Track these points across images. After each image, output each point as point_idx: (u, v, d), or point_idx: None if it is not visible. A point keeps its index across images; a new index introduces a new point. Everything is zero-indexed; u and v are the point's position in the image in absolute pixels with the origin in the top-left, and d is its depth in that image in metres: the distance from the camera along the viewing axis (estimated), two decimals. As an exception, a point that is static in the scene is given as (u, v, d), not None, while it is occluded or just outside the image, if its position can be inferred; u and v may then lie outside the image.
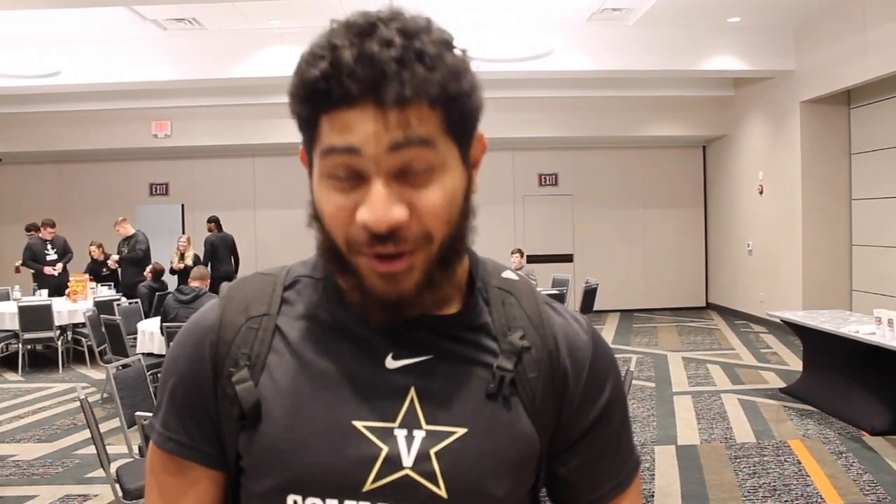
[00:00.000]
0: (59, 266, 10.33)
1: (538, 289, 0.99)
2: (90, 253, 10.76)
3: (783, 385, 7.29)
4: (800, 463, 5.11)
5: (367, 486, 0.82)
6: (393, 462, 0.83)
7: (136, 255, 10.20)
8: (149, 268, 9.71)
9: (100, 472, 4.94)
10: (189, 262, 10.96)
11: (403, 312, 0.84)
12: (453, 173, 0.82)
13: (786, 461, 5.16)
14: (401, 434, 0.84)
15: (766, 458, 5.23)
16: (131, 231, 10.50)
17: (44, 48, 9.71)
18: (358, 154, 0.78)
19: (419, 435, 0.84)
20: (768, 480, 4.79)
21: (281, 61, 9.70)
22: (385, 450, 0.83)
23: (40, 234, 10.39)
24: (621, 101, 12.07)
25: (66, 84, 10.04)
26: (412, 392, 0.86)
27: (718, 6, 9.04)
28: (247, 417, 0.86)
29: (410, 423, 0.85)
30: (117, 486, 3.57)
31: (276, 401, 0.86)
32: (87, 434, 5.90)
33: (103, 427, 3.86)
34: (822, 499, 4.47)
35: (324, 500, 0.83)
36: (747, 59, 10.06)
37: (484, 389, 0.87)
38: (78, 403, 6.77)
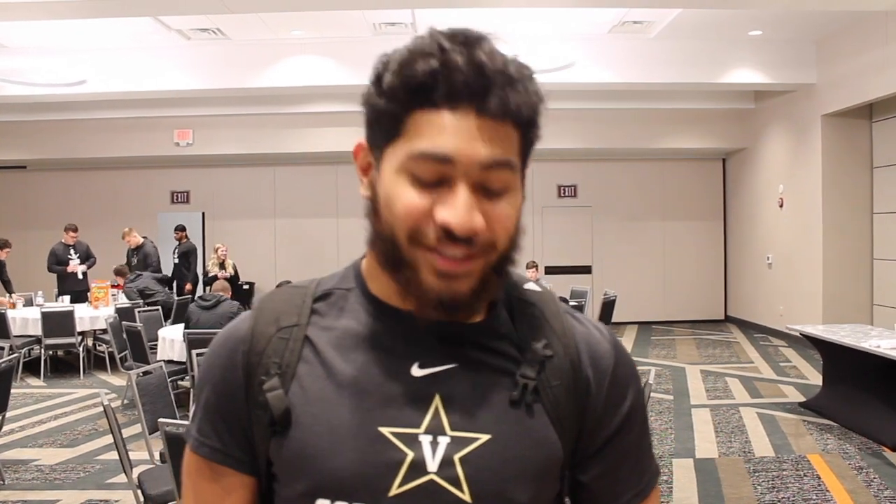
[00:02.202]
0: (84, 266, 10.43)
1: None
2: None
3: (803, 399, 7.24)
4: (819, 478, 5.07)
5: (394, 491, 0.85)
6: (418, 467, 0.85)
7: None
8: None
9: (121, 478, 4.99)
10: (231, 270, 11.07)
11: (456, 314, 0.86)
12: (518, 192, 0.87)
13: (805, 476, 5.13)
14: (426, 440, 0.86)
15: (785, 473, 5.20)
16: (140, 241, 10.54)
17: (70, 57, 9.84)
18: (450, 163, 0.81)
19: (444, 441, 0.86)
20: (787, 495, 4.76)
21: (303, 71, 9.80)
22: (410, 455, 0.85)
23: (63, 240, 10.50)
24: (641, 113, 12.07)
25: (92, 93, 10.17)
26: (437, 399, 0.88)
27: (739, 19, 9.02)
28: (277, 424, 0.89)
29: (435, 430, 0.87)
30: (139, 491, 3.60)
31: (306, 408, 0.88)
32: (108, 440, 5.96)
33: (124, 433, 3.90)
34: (841, 515, 4.45)
35: None
36: (768, 72, 10.03)
37: (507, 397, 0.89)
38: (99, 409, 6.85)
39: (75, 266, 10.35)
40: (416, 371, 0.89)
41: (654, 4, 8.24)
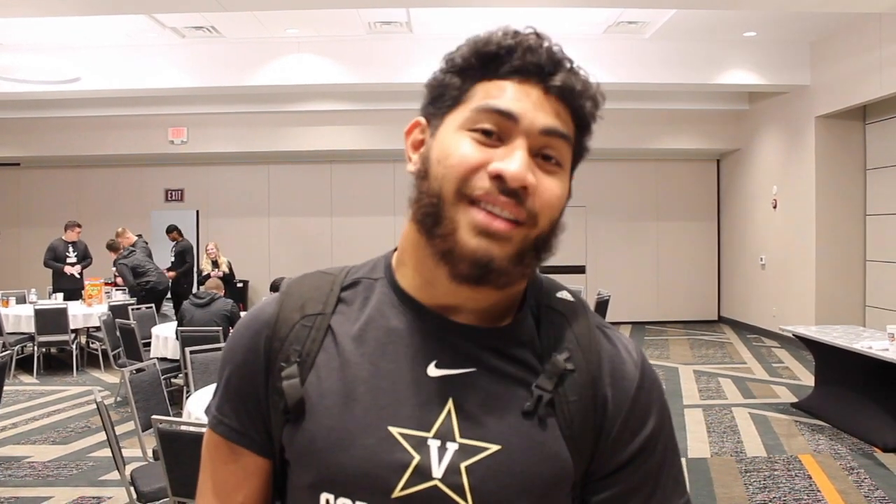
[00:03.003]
0: (79, 267, 10.40)
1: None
2: None
3: (795, 400, 7.27)
4: (811, 478, 5.10)
5: (397, 493, 0.84)
6: (423, 472, 0.84)
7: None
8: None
9: (114, 475, 5.00)
10: (225, 268, 11.06)
11: (488, 277, 0.84)
12: (566, 180, 0.91)
13: (797, 476, 5.15)
14: (434, 444, 0.85)
15: (776, 473, 5.22)
16: (133, 240, 10.47)
17: (65, 54, 9.82)
18: (513, 120, 0.85)
19: (452, 447, 0.85)
20: (779, 495, 4.78)
21: (297, 70, 9.80)
22: (417, 458, 0.85)
23: (64, 236, 10.45)
24: (636, 113, 12.07)
25: (86, 90, 10.14)
26: (450, 403, 0.87)
27: (734, 20, 9.05)
28: (291, 413, 0.89)
29: (445, 435, 0.86)
30: (132, 488, 3.60)
31: (320, 400, 0.88)
32: (100, 437, 5.97)
33: (117, 430, 3.89)
34: (832, 514, 4.47)
35: (354, 502, 0.85)
36: (762, 73, 10.06)
37: (521, 408, 0.87)
38: (92, 406, 6.85)
39: (71, 268, 10.30)
40: (433, 371, 0.88)
41: (650, 5, 8.26)
